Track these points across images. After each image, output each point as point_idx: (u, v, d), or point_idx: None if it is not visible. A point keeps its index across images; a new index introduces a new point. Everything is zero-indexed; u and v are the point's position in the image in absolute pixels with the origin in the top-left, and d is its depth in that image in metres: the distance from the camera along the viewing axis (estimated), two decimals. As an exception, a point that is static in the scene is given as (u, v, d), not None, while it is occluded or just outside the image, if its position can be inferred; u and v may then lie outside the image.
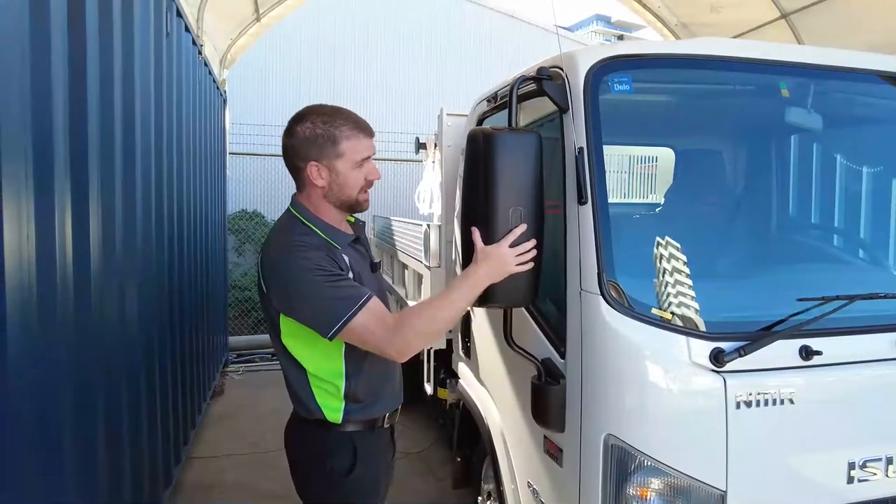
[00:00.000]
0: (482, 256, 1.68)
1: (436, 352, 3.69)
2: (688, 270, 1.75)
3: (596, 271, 1.74)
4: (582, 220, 1.79)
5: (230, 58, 6.37)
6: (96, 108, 2.24)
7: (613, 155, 1.97)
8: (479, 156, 1.74)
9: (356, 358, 1.76)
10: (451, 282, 1.84)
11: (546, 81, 1.90)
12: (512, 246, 1.68)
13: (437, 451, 4.55)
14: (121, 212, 2.52)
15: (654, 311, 1.73)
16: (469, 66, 11.22)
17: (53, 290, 1.85)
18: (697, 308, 1.73)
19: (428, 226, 3.49)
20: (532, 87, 1.94)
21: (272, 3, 5.93)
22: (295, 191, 1.85)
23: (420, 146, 3.99)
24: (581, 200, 1.79)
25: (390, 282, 5.15)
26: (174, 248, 3.69)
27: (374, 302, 1.65)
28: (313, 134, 1.72)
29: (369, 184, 1.82)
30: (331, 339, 1.64)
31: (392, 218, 5.03)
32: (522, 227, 1.69)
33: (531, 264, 1.71)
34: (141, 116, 2.85)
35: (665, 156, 2.34)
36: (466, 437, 3.02)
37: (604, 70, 1.85)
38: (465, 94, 2.87)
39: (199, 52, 4.61)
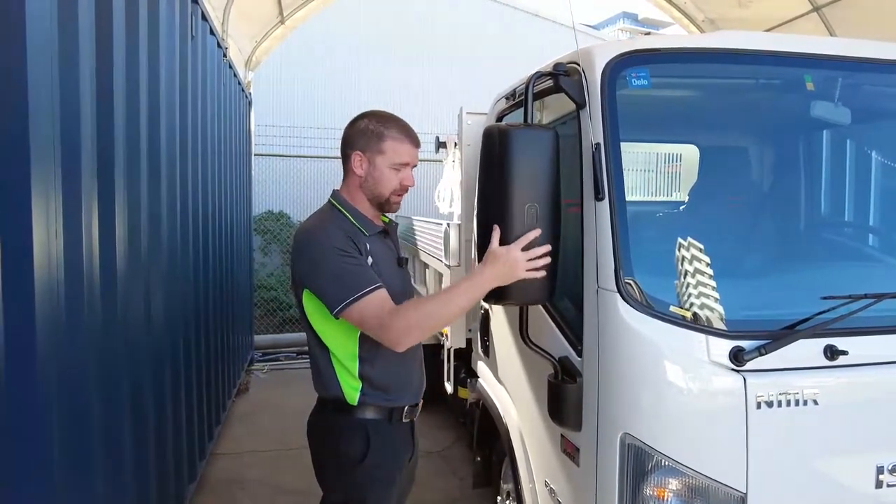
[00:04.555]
0: (492, 258, 1.69)
1: (456, 351, 3.69)
2: (711, 272, 1.71)
3: (613, 268, 1.72)
4: (599, 217, 1.77)
5: (255, 60, 6.47)
6: (122, 110, 2.29)
7: (631, 152, 1.94)
8: (495, 152, 1.74)
9: (371, 343, 1.80)
10: (460, 279, 1.86)
11: (562, 77, 1.88)
12: (525, 249, 1.68)
13: (458, 450, 4.55)
14: (146, 211, 2.57)
15: (673, 308, 1.70)
16: (492, 64, 11.16)
17: (80, 288, 1.90)
18: (722, 313, 1.69)
19: (448, 225, 3.49)
20: (550, 83, 1.93)
21: (296, 6, 6.01)
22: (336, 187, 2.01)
23: (440, 145, 4.00)
24: (598, 197, 1.76)
25: (411, 281, 5.16)
26: (199, 247, 3.75)
27: (379, 291, 1.72)
28: (366, 128, 1.88)
29: (403, 188, 1.92)
30: (336, 317, 1.74)
31: (413, 217, 5.05)
32: (536, 232, 1.68)
33: (542, 272, 1.70)
34: (166, 118, 2.91)
35: (683, 152, 2.30)
36: (486, 437, 3.02)
37: (621, 65, 1.83)
38: (488, 92, 2.86)
39: (224, 55, 4.69)
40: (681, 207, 2.27)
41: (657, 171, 2.24)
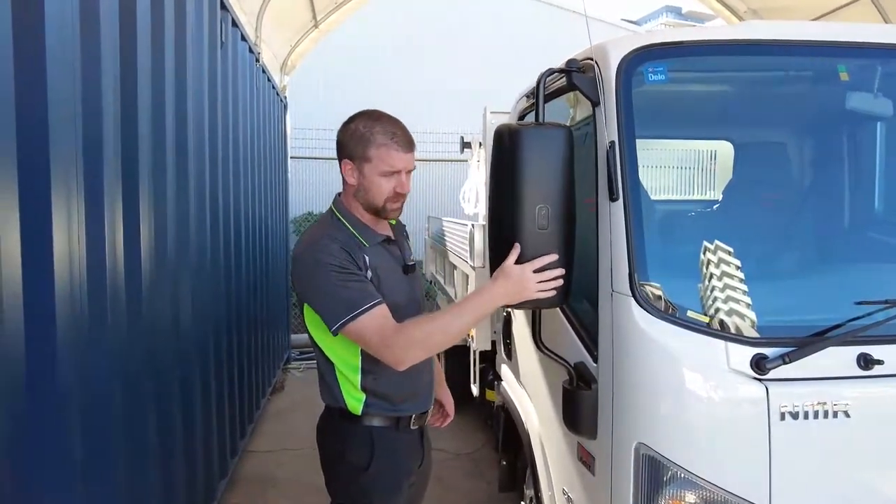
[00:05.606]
0: (503, 275, 1.64)
1: (483, 353, 3.66)
2: (741, 276, 1.63)
3: (627, 272, 1.66)
4: (613, 218, 1.71)
5: (290, 64, 6.58)
6: (147, 116, 2.34)
7: (647, 149, 1.86)
8: (505, 152, 1.70)
9: (373, 356, 1.76)
10: (468, 294, 1.81)
11: (576, 74, 1.82)
12: (538, 271, 1.63)
13: (487, 452, 4.51)
14: (173, 216, 2.62)
15: (690, 313, 1.63)
16: (530, 64, 11.05)
17: (103, 291, 1.93)
18: (754, 320, 1.60)
19: (472, 226, 3.47)
20: (564, 81, 1.88)
21: (329, 10, 6.08)
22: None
23: (465, 145, 3.97)
24: (612, 197, 1.70)
25: (442, 282, 5.16)
26: (230, 250, 3.82)
27: (378, 309, 1.66)
28: (354, 134, 1.77)
29: (399, 196, 1.80)
30: (334, 334, 1.70)
31: (443, 219, 5.04)
32: (553, 257, 1.64)
33: (553, 292, 1.65)
34: (194, 124, 2.97)
35: (701, 151, 2.20)
36: (510, 441, 2.97)
37: (637, 60, 1.75)
38: (521, 91, 2.81)
39: (257, 60, 4.78)
40: (698, 208, 2.18)
41: (674, 169, 2.15)
